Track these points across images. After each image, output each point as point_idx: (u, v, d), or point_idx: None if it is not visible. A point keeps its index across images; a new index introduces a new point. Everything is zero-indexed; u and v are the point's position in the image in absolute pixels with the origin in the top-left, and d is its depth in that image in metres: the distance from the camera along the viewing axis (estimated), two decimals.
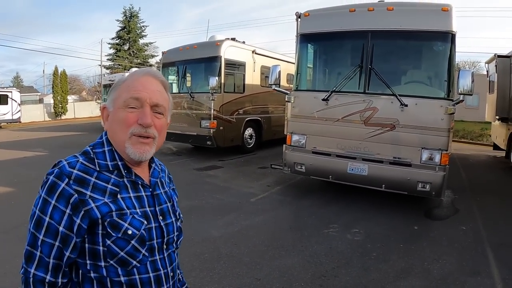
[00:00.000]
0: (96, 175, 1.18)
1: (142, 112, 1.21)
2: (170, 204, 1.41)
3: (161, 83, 1.32)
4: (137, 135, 1.21)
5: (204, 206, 6.56)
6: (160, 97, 1.27)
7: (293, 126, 6.97)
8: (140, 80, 1.26)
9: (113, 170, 1.23)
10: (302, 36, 7.04)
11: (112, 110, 1.26)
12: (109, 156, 1.25)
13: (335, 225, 5.67)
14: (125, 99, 1.21)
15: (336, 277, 4.08)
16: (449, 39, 5.92)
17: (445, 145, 5.82)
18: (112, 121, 1.26)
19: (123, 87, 1.25)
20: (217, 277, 4.03)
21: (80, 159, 1.19)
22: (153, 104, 1.24)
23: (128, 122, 1.20)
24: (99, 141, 1.29)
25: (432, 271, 4.30)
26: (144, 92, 1.22)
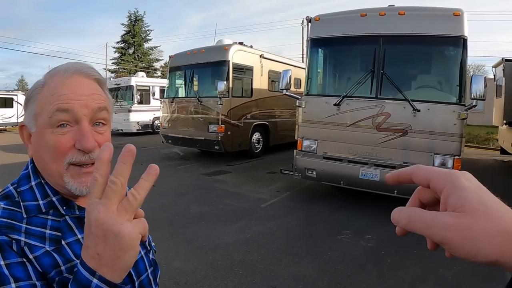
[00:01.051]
0: (27, 221, 0.87)
1: (79, 132, 0.89)
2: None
3: (96, 81, 0.98)
4: (77, 164, 0.90)
5: (215, 212, 6.53)
6: (100, 98, 0.95)
7: (304, 131, 6.95)
8: (66, 83, 0.91)
9: (47, 210, 0.91)
10: (313, 41, 7.03)
11: (35, 131, 0.92)
12: (39, 192, 0.93)
13: (348, 231, 5.63)
14: (51, 114, 0.88)
15: (352, 284, 4.04)
16: (461, 44, 5.89)
17: (458, 151, 5.79)
18: (38, 147, 0.93)
19: (44, 96, 0.91)
20: (231, 285, 4.00)
21: (1, 205, 0.89)
22: (94, 112, 0.92)
23: (61, 149, 0.88)
24: (24, 173, 0.97)
25: (447, 278, 4.27)
26: (76, 100, 0.89)
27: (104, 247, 0.64)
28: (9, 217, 0.85)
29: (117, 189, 0.63)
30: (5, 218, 0.84)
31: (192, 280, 4.10)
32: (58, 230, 0.89)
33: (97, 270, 0.64)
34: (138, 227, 0.66)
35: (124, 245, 0.64)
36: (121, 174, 0.63)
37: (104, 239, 0.63)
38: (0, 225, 0.82)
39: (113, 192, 0.63)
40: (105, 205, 0.63)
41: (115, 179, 0.63)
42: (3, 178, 8.95)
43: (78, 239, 0.91)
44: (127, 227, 0.63)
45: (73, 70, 0.93)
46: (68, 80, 0.91)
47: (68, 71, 0.93)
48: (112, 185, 0.63)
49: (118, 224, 0.63)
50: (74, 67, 0.94)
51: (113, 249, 0.64)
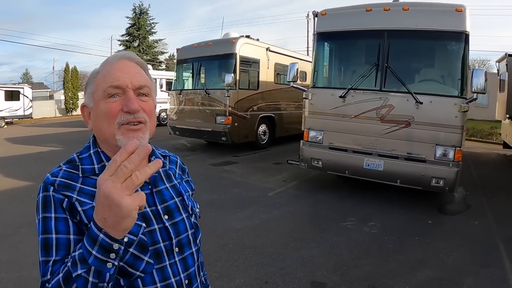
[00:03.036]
0: (82, 181, 1.08)
1: (126, 98, 1.10)
2: (180, 199, 1.26)
3: (138, 64, 1.21)
4: (125, 123, 1.09)
5: (223, 200, 6.77)
6: (141, 78, 1.16)
7: (311, 122, 7.14)
8: (115, 66, 1.14)
9: (100, 172, 1.03)
10: (319, 35, 7.20)
11: (92, 105, 1.15)
12: (96, 158, 1.15)
13: (352, 218, 5.86)
14: (104, 89, 1.10)
15: (357, 267, 4.27)
16: (463, 39, 6.04)
17: (459, 142, 5.97)
18: (95, 118, 1.14)
19: (99, 79, 1.14)
20: (242, 267, 4.22)
21: (63, 168, 1.11)
22: (136, 87, 1.13)
23: (112, 112, 1.09)
24: (86, 145, 1.20)
25: (447, 262, 4.47)
26: (123, 77, 1.11)
27: (108, 213, 0.83)
28: (68, 177, 1.07)
29: (126, 172, 0.81)
30: (64, 178, 1.07)
31: (205, 262, 4.32)
32: None
33: (103, 228, 0.85)
34: (136, 200, 0.83)
35: (123, 214, 0.82)
36: (133, 162, 0.82)
37: (109, 207, 0.82)
38: (59, 184, 1.05)
39: (122, 173, 0.81)
40: (113, 181, 0.81)
41: (127, 164, 0.81)
42: (12, 169, 9.24)
43: None
44: (126, 200, 0.81)
45: (120, 56, 1.17)
46: (116, 64, 1.14)
47: (116, 57, 1.17)
48: (123, 168, 0.81)
49: (119, 197, 0.80)
50: (120, 54, 1.19)
51: (115, 215, 0.82)
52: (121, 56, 1.19)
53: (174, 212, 1.21)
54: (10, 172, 8.82)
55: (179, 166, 1.43)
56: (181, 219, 1.22)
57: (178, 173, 1.38)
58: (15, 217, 5.66)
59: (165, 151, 1.43)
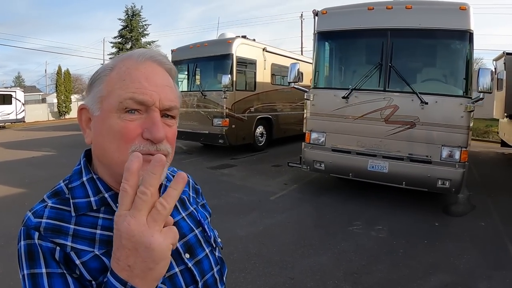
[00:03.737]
0: (76, 221, 0.82)
1: (150, 120, 0.82)
2: (200, 230, 1.02)
3: (168, 71, 0.92)
4: (143, 153, 0.79)
5: (224, 205, 6.59)
6: (172, 95, 0.87)
7: (313, 124, 6.99)
8: (140, 69, 0.84)
9: (99, 207, 0.85)
10: (320, 34, 7.05)
11: (98, 114, 0.85)
12: (91, 188, 0.87)
13: (358, 222, 5.71)
14: (122, 100, 0.81)
15: (368, 274, 4.12)
16: (467, 38, 5.93)
17: (465, 142, 5.87)
18: (99, 133, 0.85)
19: (114, 79, 0.84)
20: (250, 277, 4.05)
21: (49, 203, 0.84)
22: (165, 108, 0.85)
23: (128, 135, 0.81)
24: (77, 168, 0.91)
25: (458, 266, 4.36)
26: (151, 90, 0.82)
27: (135, 259, 0.64)
28: (57, 217, 0.81)
29: (147, 200, 0.63)
30: (52, 219, 0.80)
31: None
32: (110, 229, 0.79)
33: (129, 281, 0.64)
34: (169, 237, 0.66)
35: (155, 257, 0.64)
36: (151, 185, 0.63)
37: (135, 251, 0.63)
38: (46, 228, 0.78)
39: (143, 203, 0.63)
40: (134, 217, 0.63)
41: (145, 189, 0.63)
42: (4, 175, 9.00)
43: None
44: (157, 239, 0.63)
45: (148, 56, 0.87)
46: (142, 66, 0.84)
47: (142, 57, 0.86)
48: (142, 196, 0.63)
49: (148, 235, 0.63)
50: (148, 53, 0.88)
51: (144, 261, 0.64)
52: (150, 56, 0.87)
53: (196, 248, 0.97)
54: (1, 179, 8.54)
55: (192, 187, 1.17)
56: (204, 255, 0.99)
57: (192, 197, 1.13)
58: (8, 227, 5.37)
59: (174, 169, 1.13)
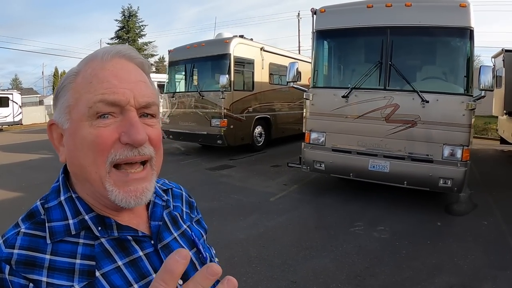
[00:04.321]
0: (52, 249, 0.70)
1: (127, 122, 0.72)
2: (194, 251, 0.91)
3: (140, 66, 0.81)
4: (123, 162, 0.72)
5: (224, 207, 6.51)
6: (148, 91, 0.78)
7: (312, 123, 6.91)
8: (108, 67, 0.75)
9: (78, 231, 0.74)
10: (319, 33, 6.96)
11: (68, 126, 0.75)
12: (69, 209, 0.76)
13: (360, 223, 5.64)
14: (91, 104, 0.71)
15: (372, 277, 4.05)
16: (468, 35, 5.86)
17: (466, 141, 5.81)
18: (72, 147, 0.74)
19: (79, 84, 0.75)
20: (251, 282, 3.97)
21: (22, 229, 0.73)
22: (142, 105, 0.75)
23: (102, 144, 0.71)
24: (54, 186, 0.80)
25: (463, 267, 4.29)
26: (123, 88, 0.73)
27: None
28: (30, 246, 0.70)
29: None
30: (25, 250, 0.69)
31: None
32: (91, 258, 0.72)
33: None
34: None
35: None
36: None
37: None
38: (18, 261, 0.67)
39: None
40: None
41: None
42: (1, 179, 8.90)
43: (118, 267, 0.74)
44: None
45: (114, 53, 0.77)
46: (109, 64, 0.75)
47: (108, 54, 0.77)
48: None
49: None
50: (114, 49, 0.78)
51: None
52: (117, 52, 0.78)
53: (190, 272, 0.83)
54: None
55: (185, 200, 1.05)
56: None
57: (185, 212, 1.01)
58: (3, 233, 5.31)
59: (165, 181, 1.04)
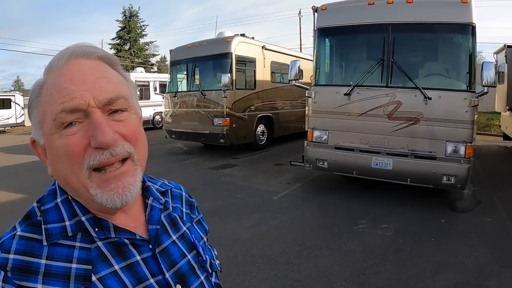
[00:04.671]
0: (48, 253, 0.70)
1: (91, 125, 0.71)
2: (193, 254, 0.90)
3: (101, 59, 0.78)
4: (99, 166, 0.72)
5: (227, 207, 6.51)
6: (109, 86, 0.75)
7: (314, 121, 6.89)
8: (64, 72, 0.73)
9: (75, 233, 0.74)
10: (320, 30, 6.94)
11: (44, 142, 0.76)
12: (66, 211, 0.76)
13: (363, 221, 5.63)
14: (54, 117, 0.70)
15: (376, 275, 4.04)
16: (470, 31, 5.84)
17: (470, 137, 5.80)
18: (52, 161, 0.75)
19: (44, 97, 0.74)
20: (255, 281, 3.97)
21: (18, 232, 0.72)
22: (104, 103, 0.73)
23: (74, 153, 0.71)
24: (51, 189, 0.80)
25: (467, 264, 4.28)
26: (80, 91, 0.71)
27: None
28: (26, 251, 0.69)
29: None
30: (20, 254, 0.68)
31: None
32: (87, 262, 0.72)
33: None
34: None
35: None
36: None
37: None
38: (14, 268, 0.67)
39: None
40: None
41: None
42: (4, 180, 8.92)
43: (114, 271, 0.74)
44: None
45: (68, 55, 0.74)
46: (65, 68, 0.73)
47: (63, 58, 0.74)
48: None
49: None
50: (68, 51, 0.75)
51: None
52: (71, 53, 0.75)
53: (189, 276, 0.85)
54: (1, 184, 8.47)
55: (186, 201, 1.03)
56: (199, 283, 0.86)
57: (185, 213, 0.99)
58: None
59: (164, 181, 1.02)
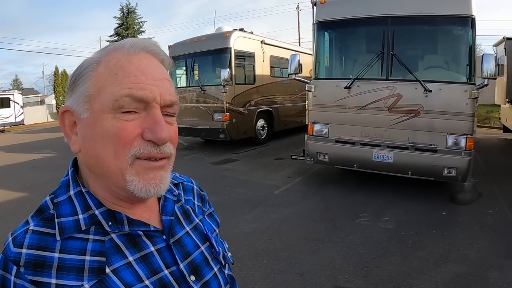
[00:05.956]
0: (61, 246, 0.69)
1: (151, 119, 0.72)
2: (207, 245, 0.90)
3: (163, 63, 0.81)
4: (145, 158, 0.72)
5: (229, 201, 6.52)
6: (172, 89, 0.78)
7: (315, 115, 6.89)
8: (134, 61, 0.73)
9: (88, 227, 0.73)
10: (319, 24, 6.91)
11: (87, 116, 0.73)
12: (79, 204, 0.75)
13: (365, 214, 5.64)
14: (117, 98, 0.70)
15: (379, 267, 4.05)
16: (469, 23, 5.81)
17: (470, 130, 5.80)
18: (91, 137, 0.73)
19: (103, 74, 0.73)
20: (258, 275, 3.98)
21: (31, 226, 0.71)
22: (167, 103, 0.75)
23: (126, 138, 0.71)
24: (64, 180, 0.79)
25: (469, 256, 4.29)
26: (150, 85, 0.72)
27: None
28: (39, 245, 0.69)
29: None
30: (34, 249, 0.68)
31: None
32: (101, 254, 0.71)
33: None
34: None
35: None
36: None
37: None
38: (27, 263, 0.66)
39: None
40: None
41: None
42: (4, 179, 8.93)
43: (129, 263, 0.73)
44: None
45: (141, 47, 0.76)
46: (136, 57, 0.74)
47: (135, 47, 0.75)
48: None
49: None
50: (141, 43, 0.77)
51: None
52: (144, 46, 0.76)
53: (203, 267, 0.85)
54: (2, 183, 8.48)
55: (197, 194, 1.03)
56: (212, 275, 0.86)
57: (197, 205, 0.99)
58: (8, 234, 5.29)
59: (176, 174, 1.01)
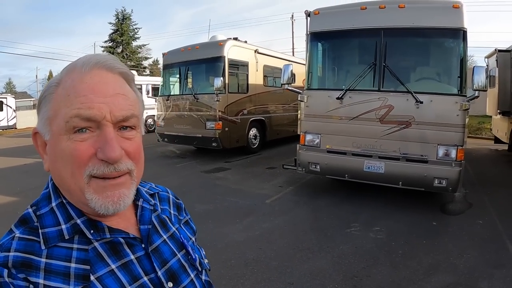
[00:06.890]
0: (47, 253, 0.73)
1: (103, 138, 0.74)
2: (183, 253, 0.94)
3: (121, 75, 0.82)
4: (101, 176, 0.75)
5: (220, 210, 6.50)
6: (125, 103, 0.78)
7: (307, 125, 6.91)
8: (86, 80, 0.75)
9: (71, 236, 0.77)
10: (313, 35, 6.98)
11: (49, 138, 0.78)
12: (61, 214, 0.79)
13: (356, 224, 5.65)
14: (67, 119, 0.73)
15: (369, 277, 4.06)
16: (461, 36, 5.90)
17: (461, 141, 5.85)
18: (54, 158, 0.77)
19: (59, 96, 0.76)
20: (248, 284, 3.97)
21: (16, 234, 0.75)
22: (119, 120, 0.77)
23: (79, 158, 0.74)
24: (45, 192, 0.83)
25: (458, 266, 4.32)
26: (99, 103, 0.74)
27: None
28: (26, 249, 0.72)
29: None
30: (21, 252, 0.72)
31: None
32: (85, 262, 0.75)
33: None
34: None
35: None
36: None
37: None
38: (15, 263, 0.70)
39: None
40: None
41: None
42: None
43: (111, 270, 0.77)
44: None
45: (93, 63, 0.77)
46: (88, 76, 0.76)
47: (87, 65, 0.77)
48: None
49: None
50: (94, 59, 0.78)
51: None
52: (96, 62, 0.78)
53: (180, 274, 0.88)
54: None
55: (173, 203, 1.08)
56: (189, 281, 0.90)
57: (173, 215, 1.03)
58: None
59: (151, 185, 1.07)
